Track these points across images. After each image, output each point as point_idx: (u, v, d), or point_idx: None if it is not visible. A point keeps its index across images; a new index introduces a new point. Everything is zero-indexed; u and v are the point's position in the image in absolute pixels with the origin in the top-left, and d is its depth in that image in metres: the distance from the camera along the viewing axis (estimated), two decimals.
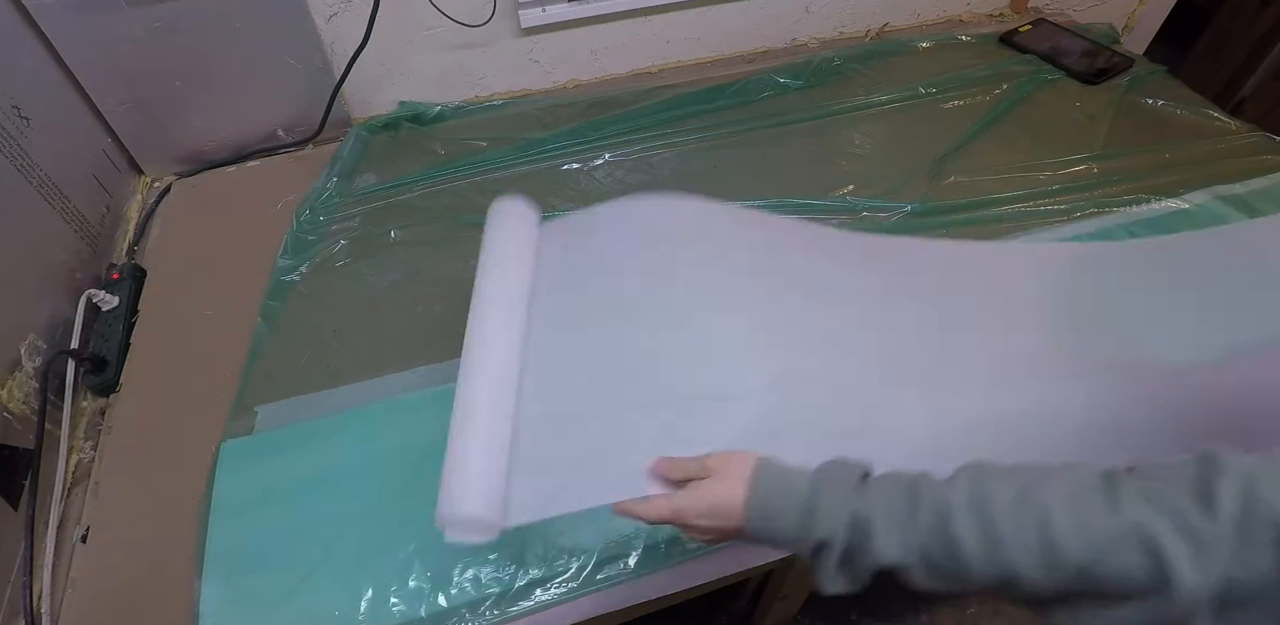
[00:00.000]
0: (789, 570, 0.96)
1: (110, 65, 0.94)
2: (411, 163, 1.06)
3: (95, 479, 0.73)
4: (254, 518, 0.67)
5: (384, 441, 0.72)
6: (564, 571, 0.63)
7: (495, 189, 1.03)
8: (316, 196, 1.00)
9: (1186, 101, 1.12)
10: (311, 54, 1.03)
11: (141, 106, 1.00)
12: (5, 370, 0.72)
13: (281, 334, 0.85)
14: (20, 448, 0.70)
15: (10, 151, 0.79)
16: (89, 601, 0.65)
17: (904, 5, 1.31)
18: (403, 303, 0.88)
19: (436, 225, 0.97)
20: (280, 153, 1.11)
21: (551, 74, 1.22)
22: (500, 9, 1.06)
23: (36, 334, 0.78)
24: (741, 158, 1.06)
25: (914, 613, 1.26)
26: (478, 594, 0.62)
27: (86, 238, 0.91)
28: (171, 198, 1.05)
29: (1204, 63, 1.83)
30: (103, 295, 0.86)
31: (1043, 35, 1.26)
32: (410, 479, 0.69)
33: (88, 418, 0.79)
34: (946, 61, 1.22)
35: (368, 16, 0.97)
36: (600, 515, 0.66)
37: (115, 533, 0.69)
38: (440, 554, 0.64)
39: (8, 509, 0.66)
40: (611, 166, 1.06)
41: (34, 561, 0.66)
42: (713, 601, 1.24)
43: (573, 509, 0.55)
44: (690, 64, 1.27)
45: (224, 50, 0.98)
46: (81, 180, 0.93)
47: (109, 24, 0.90)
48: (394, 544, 0.65)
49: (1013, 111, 1.12)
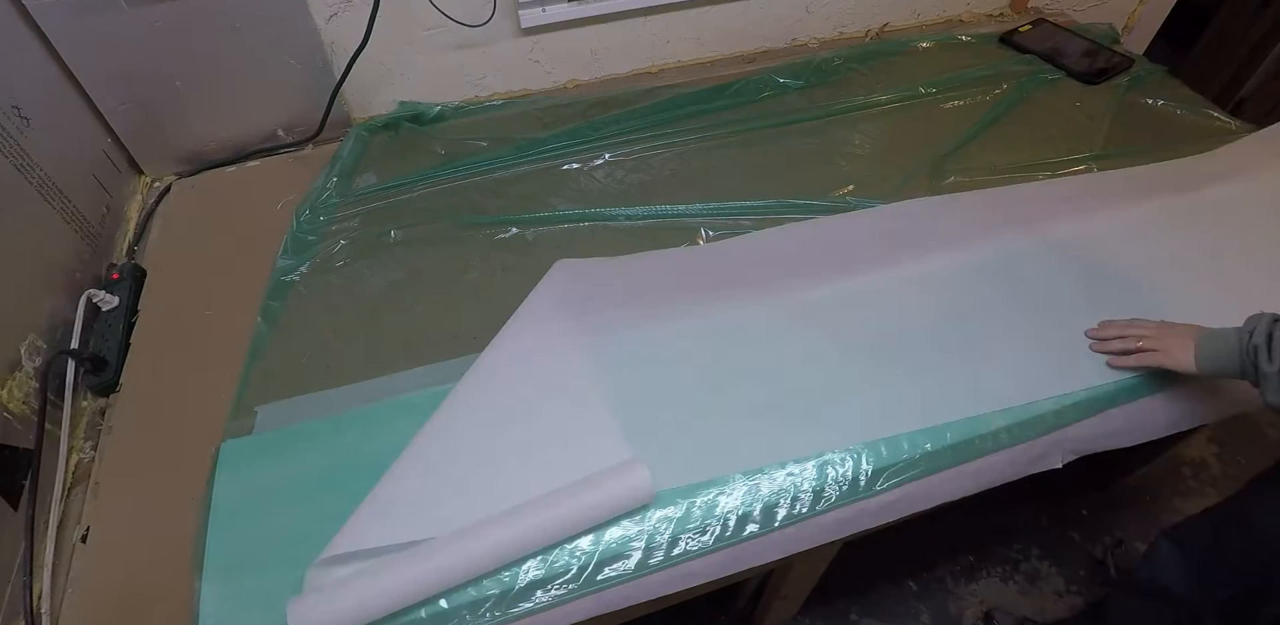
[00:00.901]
0: (789, 570, 0.96)
1: (110, 65, 0.94)
2: (411, 163, 1.07)
3: (95, 479, 0.73)
4: (254, 518, 0.67)
5: (384, 441, 0.72)
6: (564, 572, 0.63)
7: (495, 189, 1.03)
8: (316, 196, 1.00)
9: (1186, 101, 1.12)
10: (311, 54, 1.03)
11: (141, 106, 1.00)
12: (5, 370, 0.72)
13: (281, 334, 0.85)
14: (20, 448, 0.70)
15: (10, 151, 0.79)
16: (89, 601, 0.65)
17: (904, 5, 1.31)
18: (403, 303, 0.88)
19: (436, 225, 0.97)
20: (280, 153, 1.11)
21: (551, 74, 1.22)
22: (500, 9, 1.06)
23: (36, 334, 0.78)
24: (741, 158, 1.06)
25: (914, 612, 1.27)
26: (478, 594, 0.62)
27: (86, 238, 0.91)
28: (171, 198, 1.05)
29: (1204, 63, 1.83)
30: (103, 295, 0.86)
31: (1043, 35, 1.26)
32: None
33: (88, 418, 0.79)
34: (946, 61, 1.22)
35: (368, 16, 0.97)
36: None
37: (115, 533, 0.69)
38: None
39: (8, 509, 0.66)
40: (611, 166, 1.06)
41: (34, 561, 0.66)
42: (713, 601, 1.24)
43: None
44: (690, 64, 1.27)
45: (224, 50, 0.98)
46: (81, 180, 0.93)
47: (109, 24, 0.90)
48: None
49: (1013, 111, 1.12)
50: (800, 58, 1.22)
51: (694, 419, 0.72)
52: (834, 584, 1.22)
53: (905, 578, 1.31)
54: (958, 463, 0.71)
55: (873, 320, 0.81)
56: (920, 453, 0.70)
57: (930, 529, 1.16)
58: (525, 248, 0.95)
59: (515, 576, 0.63)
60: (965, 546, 1.34)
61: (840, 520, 0.69)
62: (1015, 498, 1.31)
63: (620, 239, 0.95)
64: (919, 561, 1.32)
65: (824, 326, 0.80)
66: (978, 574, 1.31)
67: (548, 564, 0.63)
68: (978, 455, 0.72)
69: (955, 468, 0.71)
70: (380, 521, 0.63)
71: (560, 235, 0.96)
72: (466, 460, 0.67)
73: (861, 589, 1.29)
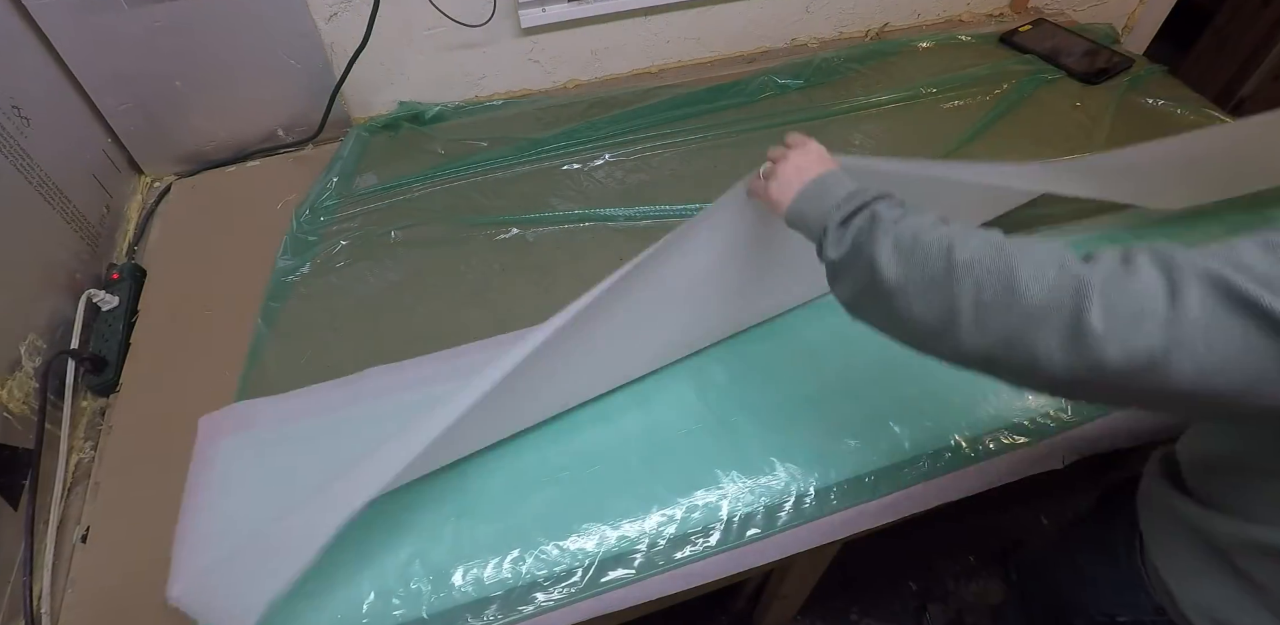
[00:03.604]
0: (789, 570, 0.96)
1: (110, 65, 0.94)
2: (411, 163, 1.06)
3: (95, 479, 0.73)
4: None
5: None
6: (567, 574, 0.63)
7: (495, 189, 1.03)
8: (316, 197, 1.00)
9: (1186, 101, 1.12)
10: (311, 54, 1.03)
11: (141, 106, 1.00)
12: (5, 370, 0.72)
13: (281, 334, 0.85)
14: (20, 448, 0.69)
15: (10, 151, 0.79)
16: (89, 601, 0.65)
17: (904, 5, 1.31)
18: (403, 303, 0.88)
19: (436, 225, 0.97)
20: (280, 153, 1.11)
21: (551, 74, 1.22)
22: (500, 9, 1.06)
23: (36, 334, 0.78)
24: (741, 157, 1.06)
25: (914, 612, 1.27)
26: (480, 596, 0.62)
27: (86, 238, 0.91)
28: (171, 198, 1.05)
29: (1204, 63, 1.83)
30: (103, 295, 0.86)
31: (1043, 35, 1.26)
32: (410, 480, 0.69)
33: (88, 418, 0.79)
34: (946, 61, 1.22)
35: (368, 17, 0.97)
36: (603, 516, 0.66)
37: (115, 533, 0.69)
38: (442, 556, 0.64)
39: (8, 509, 0.66)
40: (612, 166, 1.06)
41: (34, 561, 0.66)
42: (713, 601, 1.24)
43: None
44: (690, 64, 1.27)
45: (224, 50, 0.98)
46: (81, 180, 0.93)
47: (109, 24, 0.90)
48: (395, 545, 0.65)
49: (1013, 111, 1.12)
50: (800, 58, 1.22)
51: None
52: (834, 584, 1.22)
53: (905, 578, 1.31)
54: (959, 465, 0.71)
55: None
56: (922, 453, 0.70)
57: (930, 529, 1.16)
58: (525, 248, 0.95)
59: (517, 577, 0.63)
60: (965, 547, 1.34)
61: (840, 520, 0.69)
62: (1015, 498, 1.32)
63: (620, 239, 0.95)
64: (919, 561, 1.32)
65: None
66: (978, 574, 1.31)
67: (550, 566, 0.63)
68: (980, 459, 0.72)
69: (957, 470, 0.71)
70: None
71: (560, 235, 0.96)
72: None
73: (861, 589, 1.29)
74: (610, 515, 0.67)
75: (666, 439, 0.72)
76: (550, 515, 0.67)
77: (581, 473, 0.70)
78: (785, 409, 0.74)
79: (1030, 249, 0.42)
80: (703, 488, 0.68)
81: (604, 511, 0.67)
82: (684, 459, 0.71)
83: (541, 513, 0.67)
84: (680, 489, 0.68)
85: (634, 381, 0.76)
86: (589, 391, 0.75)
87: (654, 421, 0.74)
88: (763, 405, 0.74)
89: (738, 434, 0.72)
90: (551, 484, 0.69)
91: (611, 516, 0.66)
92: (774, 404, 0.75)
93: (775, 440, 0.72)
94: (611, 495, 0.68)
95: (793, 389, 0.76)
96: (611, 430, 0.73)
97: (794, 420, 0.73)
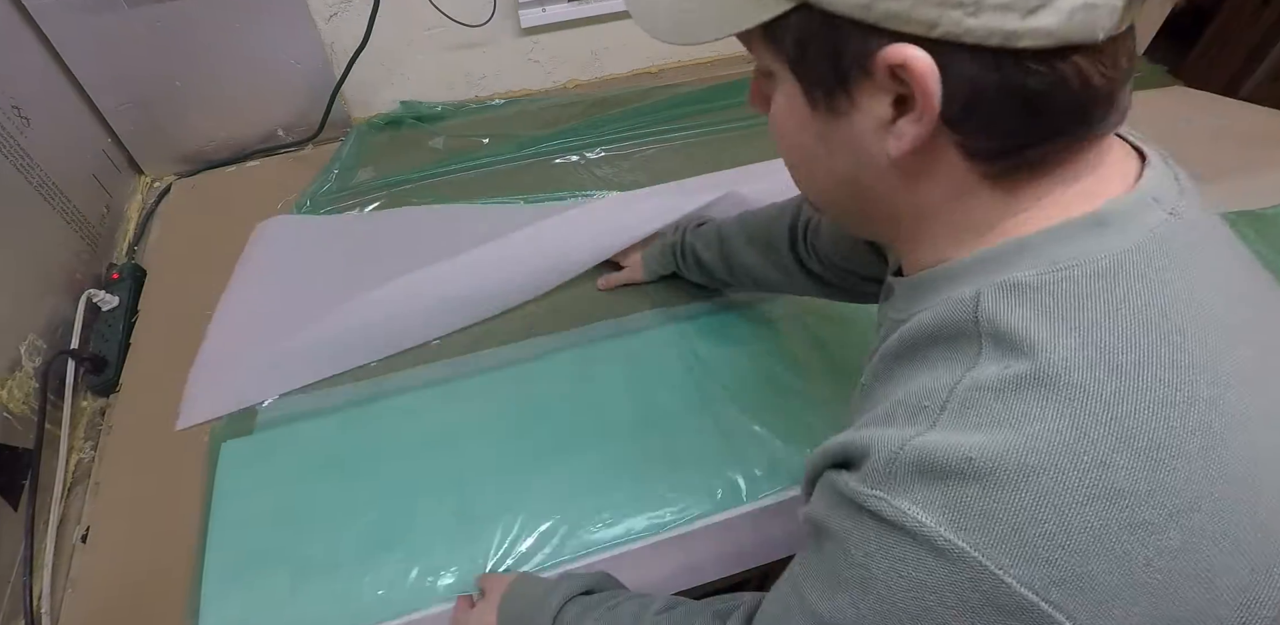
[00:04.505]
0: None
1: (110, 65, 0.94)
2: (411, 163, 1.06)
3: (95, 479, 0.73)
4: (254, 517, 0.67)
5: (384, 441, 0.72)
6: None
7: (495, 189, 1.03)
8: (316, 191, 1.00)
9: None
10: (311, 54, 1.03)
11: (141, 106, 1.00)
12: (5, 370, 0.72)
13: None
14: (20, 448, 0.69)
15: (10, 151, 0.79)
16: (89, 601, 0.65)
17: None
18: None
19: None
20: (280, 153, 1.11)
21: (551, 74, 1.22)
22: (500, 9, 1.06)
23: (36, 334, 0.78)
24: (742, 157, 1.06)
25: None
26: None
27: (86, 238, 0.91)
28: (171, 198, 1.05)
29: (1204, 63, 1.82)
30: (103, 295, 0.86)
31: None
32: (411, 478, 0.69)
33: (88, 418, 0.79)
34: None
35: (368, 16, 0.97)
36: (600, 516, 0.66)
37: (115, 533, 0.69)
38: (443, 553, 0.64)
39: (8, 509, 0.66)
40: (612, 166, 1.06)
41: (34, 561, 0.65)
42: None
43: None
44: (690, 64, 1.27)
45: (224, 50, 0.98)
46: (81, 180, 0.93)
47: (109, 24, 0.90)
48: (395, 543, 0.65)
49: None
50: None
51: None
52: None
53: None
54: None
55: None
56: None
57: None
58: None
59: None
60: None
61: None
62: None
63: None
64: None
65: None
66: None
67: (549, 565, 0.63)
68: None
69: None
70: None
71: None
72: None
73: None
74: (608, 515, 0.66)
75: (659, 435, 0.72)
76: (550, 515, 0.67)
77: (579, 471, 0.70)
78: (790, 408, 0.74)
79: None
80: (698, 488, 0.68)
81: (600, 511, 0.67)
82: (682, 457, 0.70)
83: (537, 512, 0.67)
84: (676, 487, 0.68)
85: (620, 378, 0.77)
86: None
87: (645, 409, 0.74)
88: (770, 401, 0.75)
89: (739, 433, 0.72)
90: (545, 478, 0.69)
91: (608, 516, 0.66)
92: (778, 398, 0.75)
93: (776, 441, 0.72)
94: (608, 494, 0.68)
95: (785, 378, 0.76)
96: (602, 421, 0.73)
97: (795, 421, 0.73)
